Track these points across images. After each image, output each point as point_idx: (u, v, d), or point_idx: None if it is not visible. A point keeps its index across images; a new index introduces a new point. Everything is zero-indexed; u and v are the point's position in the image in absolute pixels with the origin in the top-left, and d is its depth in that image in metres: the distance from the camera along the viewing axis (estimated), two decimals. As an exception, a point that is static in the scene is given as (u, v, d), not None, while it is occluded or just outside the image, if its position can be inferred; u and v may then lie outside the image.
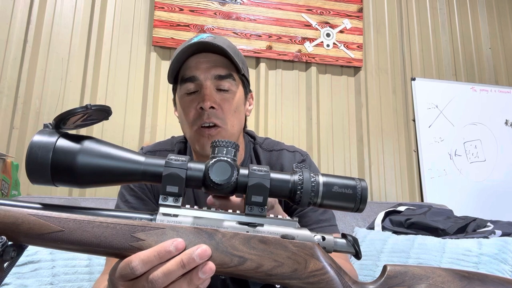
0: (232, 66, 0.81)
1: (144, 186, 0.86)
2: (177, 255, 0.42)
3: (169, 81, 0.84)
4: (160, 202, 0.46)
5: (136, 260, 0.42)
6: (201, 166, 0.47)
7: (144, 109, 1.96)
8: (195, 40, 0.79)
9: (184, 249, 0.43)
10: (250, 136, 0.97)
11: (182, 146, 0.93)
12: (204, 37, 0.79)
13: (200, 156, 0.85)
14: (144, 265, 0.42)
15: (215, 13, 2.10)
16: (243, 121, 0.87)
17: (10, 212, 0.43)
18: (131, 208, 0.84)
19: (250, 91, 0.90)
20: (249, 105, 0.90)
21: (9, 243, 0.43)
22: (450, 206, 1.80)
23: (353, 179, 0.48)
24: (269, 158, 0.91)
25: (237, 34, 2.11)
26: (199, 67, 0.79)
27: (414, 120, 2.31)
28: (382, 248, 1.37)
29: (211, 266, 0.42)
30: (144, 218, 0.46)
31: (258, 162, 0.91)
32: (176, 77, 0.83)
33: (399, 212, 1.64)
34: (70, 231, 0.43)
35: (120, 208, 0.84)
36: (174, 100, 0.89)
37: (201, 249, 0.42)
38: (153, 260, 0.42)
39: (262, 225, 0.47)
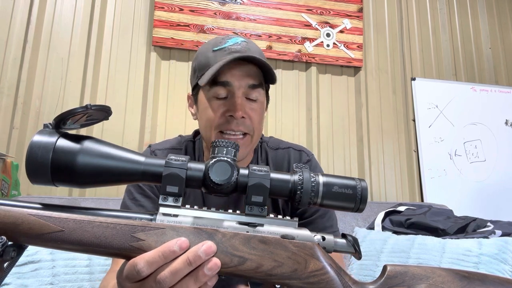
0: (262, 76, 0.81)
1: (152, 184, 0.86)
2: (181, 254, 0.42)
3: (200, 83, 0.78)
4: (160, 202, 0.46)
5: (141, 262, 0.42)
6: (201, 166, 0.47)
7: (144, 109, 1.95)
8: (230, 44, 0.78)
9: (188, 248, 0.43)
10: None
11: (190, 145, 0.92)
12: (238, 41, 0.79)
13: None
14: (150, 266, 0.42)
15: (215, 13, 2.10)
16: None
17: (10, 212, 0.43)
18: (139, 206, 0.83)
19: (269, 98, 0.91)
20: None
21: (9, 243, 0.42)
22: (450, 206, 1.80)
23: (353, 179, 0.48)
24: (275, 157, 0.92)
25: (237, 34, 2.10)
26: (234, 73, 0.78)
27: (414, 120, 2.30)
28: (382, 248, 1.37)
29: (216, 261, 0.43)
30: (144, 218, 0.46)
31: (266, 161, 0.91)
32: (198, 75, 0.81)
33: (399, 212, 1.64)
34: (70, 231, 0.43)
35: (128, 206, 0.84)
36: (194, 96, 0.86)
37: (207, 246, 0.43)
38: (158, 261, 0.42)
39: (262, 225, 0.47)
